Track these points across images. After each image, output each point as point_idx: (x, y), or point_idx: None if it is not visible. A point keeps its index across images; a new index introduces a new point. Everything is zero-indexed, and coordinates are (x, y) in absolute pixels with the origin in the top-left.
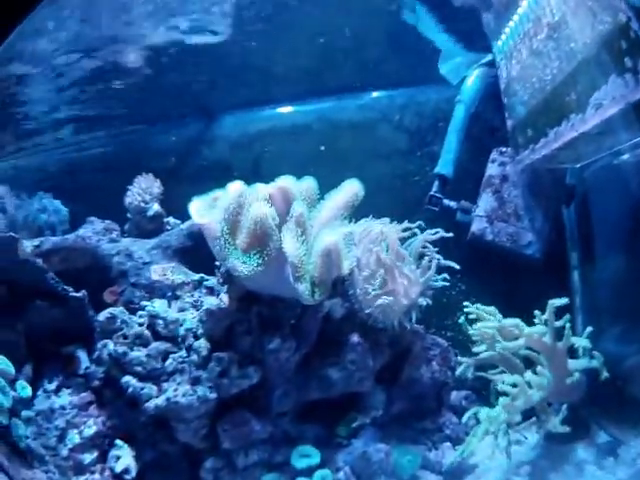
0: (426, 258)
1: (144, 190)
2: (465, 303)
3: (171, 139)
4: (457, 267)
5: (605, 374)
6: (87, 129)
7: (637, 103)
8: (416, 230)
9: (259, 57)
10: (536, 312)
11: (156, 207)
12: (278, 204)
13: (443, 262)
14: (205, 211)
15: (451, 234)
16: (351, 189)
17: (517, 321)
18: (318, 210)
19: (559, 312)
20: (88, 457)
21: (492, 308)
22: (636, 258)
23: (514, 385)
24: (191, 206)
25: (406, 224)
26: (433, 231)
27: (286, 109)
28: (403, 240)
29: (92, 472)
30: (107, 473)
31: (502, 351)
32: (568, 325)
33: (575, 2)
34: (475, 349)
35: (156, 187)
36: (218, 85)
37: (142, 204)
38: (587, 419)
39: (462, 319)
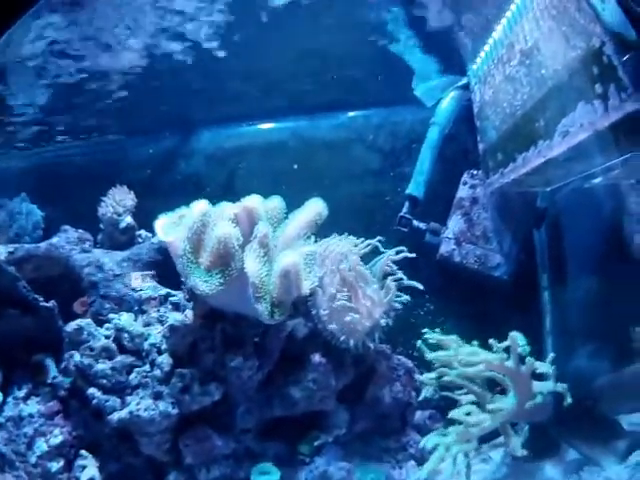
0: (389, 278)
1: (117, 202)
2: (424, 330)
3: (148, 152)
4: (420, 287)
5: (569, 400)
6: (68, 137)
7: (605, 130)
8: (378, 245)
9: (238, 73)
10: (492, 341)
11: (128, 220)
12: (243, 224)
13: (407, 282)
14: (170, 228)
15: (414, 254)
16: (314, 208)
17: (474, 349)
18: (283, 229)
19: (529, 334)
20: (55, 465)
21: (454, 337)
22: (606, 280)
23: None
24: (157, 223)
25: (368, 241)
26: (394, 251)
27: (262, 126)
28: (369, 257)
29: None
30: None
31: (460, 379)
32: (528, 350)
33: (549, 28)
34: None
35: (130, 199)
36: (197, 99)
37: (115, 216)
38: (556, 437)
39: (420, 343)
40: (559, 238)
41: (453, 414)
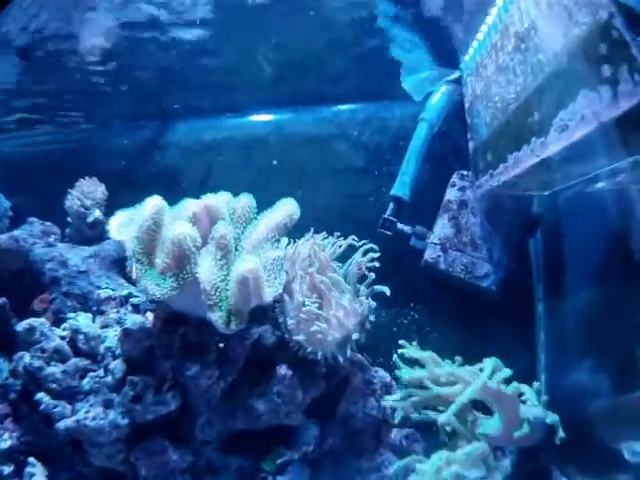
0: (363, 286)
1: (85, 195)
2: (400, 341)
3: (123, 142)
4: (387, 293)
5: (561, 434)
6: (39, 124)
7: (613, 123)
8: (353, 243)
9: (220, 64)
10: (467, 368)
11: (97, 213)
12: (203, 224)
13: (378, 288)
14: (126, 226)
15: (378, 254)
16: (285, 209)
17: (451, 370)
18: (250, 231)
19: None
20: (6, 469)
21: (428, 353)
22: (608, 293)
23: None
24: (112, 220)
25: (340, 242)
26: (360, 253)
27: (243, 119)
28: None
29: None
30: None
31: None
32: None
33: (548, 3)
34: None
35: (99, 192)
36: (176, 90)
37: (82, 209)
38: (547, 463)
39: (395, 357)
40: (557, 247)
41: (420, 469)
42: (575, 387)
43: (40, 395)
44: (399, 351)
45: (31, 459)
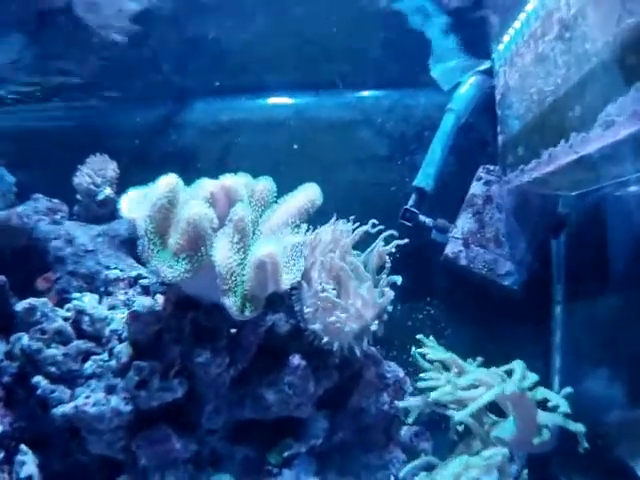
0: (383, 277)
1: (95, 172)
2: (418, 336)
3: (135, 120)
4: (398, 282)
5: (585, 445)
6: (49, 98)
7: None
8: (369, 229)
9: (240, 43)
10: (491, 370)
11: (108, 192)
12: (221, 205)
13: (392, 278)
14: (137, 204)
15: (405, 240)
16: (308, 194)
17: (475, 376)
18: (269, 215)
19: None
20: None
21: (449, 355)
22: (629, 300)
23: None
24: (123, 198)
25: (361, 228)
26: (382, 236)
27: (263, 100)
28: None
29: (2, 471)
30: (14, 476)
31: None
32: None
33: None
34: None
35: (110, 170)
36: (193, 67)
37: (92, 187)
38: (558, 474)
39: (414, 351)
40: (580, 249)
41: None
42: (589, 396)
43: (37, 379)
44: (418, 350)
45: (22, 446)
